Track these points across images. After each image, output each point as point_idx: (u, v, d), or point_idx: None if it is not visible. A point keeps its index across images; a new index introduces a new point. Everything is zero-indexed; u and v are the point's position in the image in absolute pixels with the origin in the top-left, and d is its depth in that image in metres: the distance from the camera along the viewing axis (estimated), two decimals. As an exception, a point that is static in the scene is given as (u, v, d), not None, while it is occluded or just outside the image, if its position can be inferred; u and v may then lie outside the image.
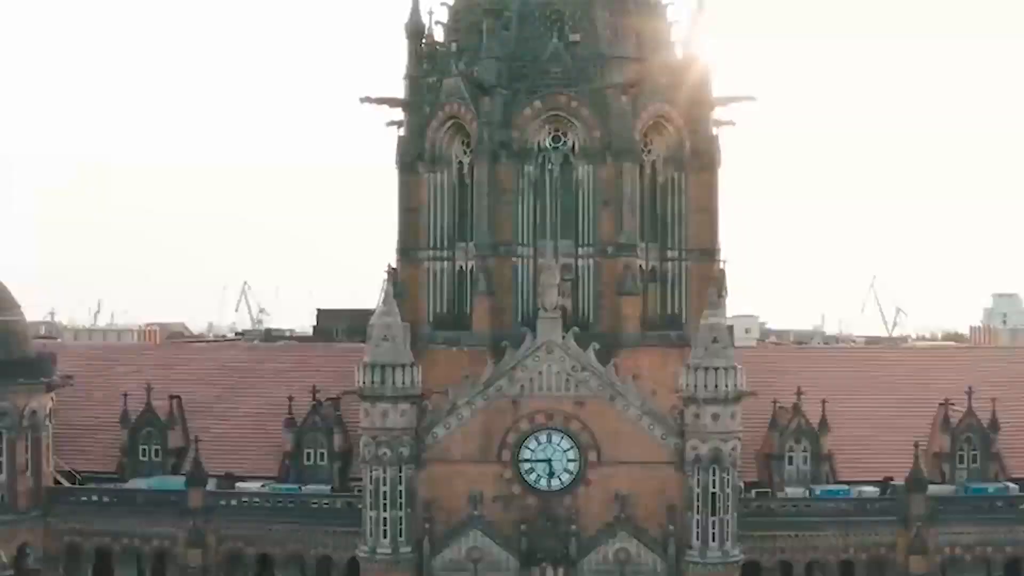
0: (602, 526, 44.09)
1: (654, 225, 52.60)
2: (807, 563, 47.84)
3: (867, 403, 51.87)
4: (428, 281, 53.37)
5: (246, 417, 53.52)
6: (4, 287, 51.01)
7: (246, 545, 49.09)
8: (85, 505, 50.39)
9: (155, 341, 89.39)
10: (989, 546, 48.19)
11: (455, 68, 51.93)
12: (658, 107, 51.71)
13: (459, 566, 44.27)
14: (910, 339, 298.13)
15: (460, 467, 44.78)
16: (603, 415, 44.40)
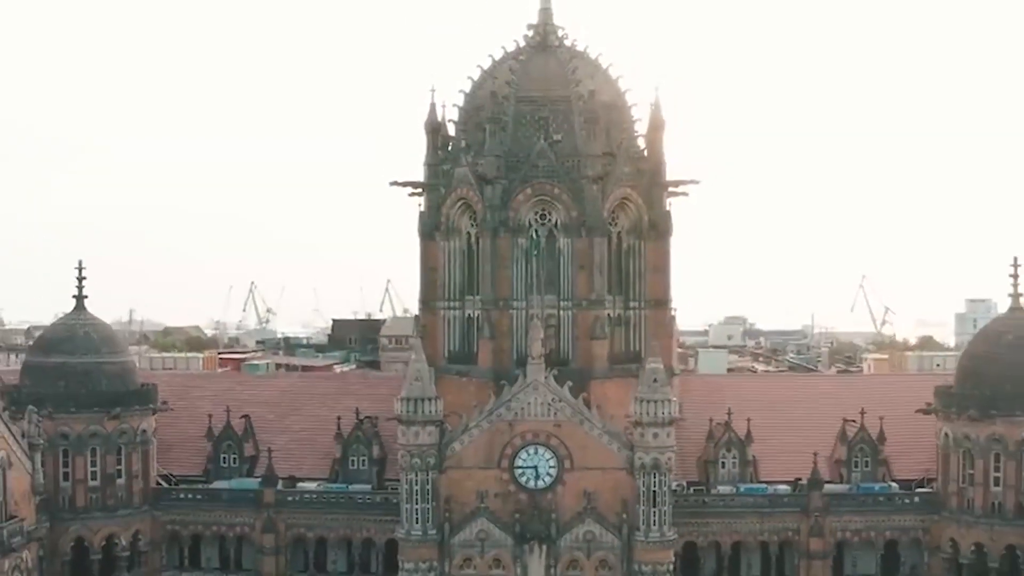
0: (574, 514, 61.28)
1: (619, 282, 70.16)
2: (732, 543, 65.28)
3: (784, 420, 68.93)
4: (444, 326, 71.27)
5: (302, 431, 70.94)
6: (115, 333, 68.96)
7: (307, 531, 66.63)
8: (181, 501, 67.58)
9: (215, 366, 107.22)
10: (873, 531, 65.22)
11: (464, 160, 69.58)
12: (622, 191, 69.33)
13: (470, 544, 61.74)
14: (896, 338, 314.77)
15: (471, 472, 62.05)
16: (574, 434, 61.82)
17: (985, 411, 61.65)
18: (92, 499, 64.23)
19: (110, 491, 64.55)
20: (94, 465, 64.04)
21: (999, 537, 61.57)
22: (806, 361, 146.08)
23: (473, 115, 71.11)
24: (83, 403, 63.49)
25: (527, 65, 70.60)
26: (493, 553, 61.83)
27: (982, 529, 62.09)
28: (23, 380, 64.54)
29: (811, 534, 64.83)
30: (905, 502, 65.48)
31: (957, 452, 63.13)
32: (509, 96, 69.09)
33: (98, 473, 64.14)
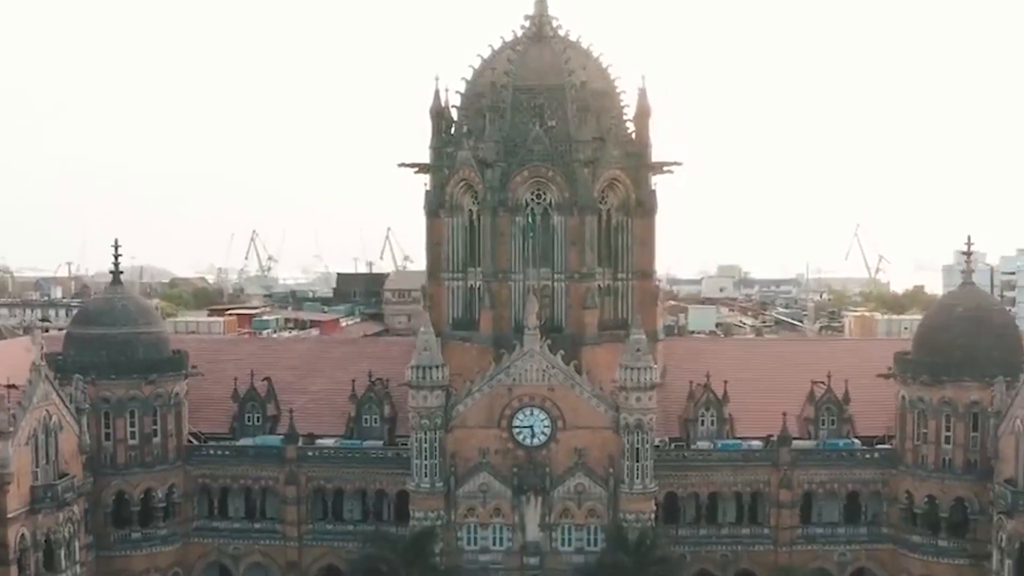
0: (566, 469, 68.74)
1: (609, 255, 77.21)
2: (709, 494, 72.82)
3: (758, 382, 75.98)
4: (448, 295, 78.35)
5: (320, 392, 77.98)
6: (151, 306, 76.07)
7: (325, 483, 74.05)
8: (211, 457, 74.76)
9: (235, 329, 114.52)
10: (837, 483, 72.65)
11: (466, 144, 76.34)
12: (612, 172, 76.13)
13: (473, 495, 69.29)
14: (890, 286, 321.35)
15: (474, 431, 69.40)
16: (566, 397, 69.10)
17: (937, 377, 68.88)
18: (131, 456, 71.42)
19: (147, 449, 71.88)
20: (133, 426, 71.25)
21: (949, 490, 68.97)
22: (793, 316, 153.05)
23: (474, 101, 77.72)
24: (123, 370, 70.58)
25: (524, 56, 77.00)
26: (494, 503, 69.36)
27: (934, 482, 69.43)
28: (67, 349, 71.38)
29: (780, 486, 72.30)
30: (866, 457, 72.82)
31: (913, 413, 70.42)
32: (507, 85, 75.64)
33: (136, 433, 71.38)
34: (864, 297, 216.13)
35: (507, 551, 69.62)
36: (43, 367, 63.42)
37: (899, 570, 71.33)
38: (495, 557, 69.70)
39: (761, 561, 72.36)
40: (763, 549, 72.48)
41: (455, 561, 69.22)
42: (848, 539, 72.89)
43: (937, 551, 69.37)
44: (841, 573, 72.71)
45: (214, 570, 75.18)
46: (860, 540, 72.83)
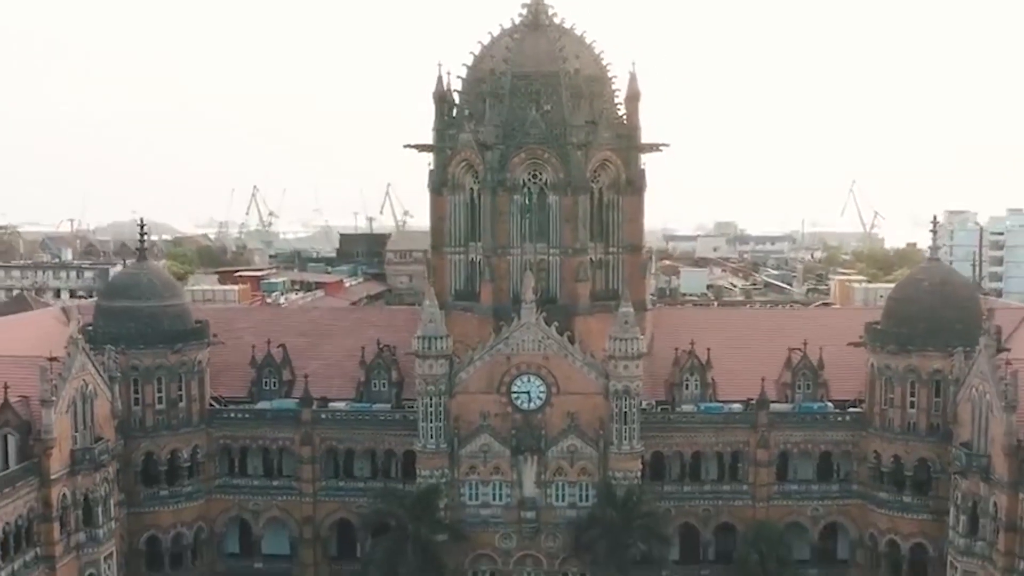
0: (560, 431, 74.86)
1: (600, 231, 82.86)
2: (693, 453, 79.11)
3: (739, 348, 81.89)
4: (450, 268, 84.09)
5: (332, 358, 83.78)
6: (174, 280, 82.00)
7: (338, 443, 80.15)
8: (231, 420, 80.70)
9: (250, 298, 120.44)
10: (811, 443, 78.85)
11: (467, 127, 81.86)
12: (603, 154, 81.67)
13: (475, 455, 75.47)
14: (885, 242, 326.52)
15: (475, 396, 75.42)
16: (560, 365, 75.07)
17: (903, 346, 74.86)
18: (159, 420, 77.39)
19: (173, 413, 77.92)
20: (160, 392, 77.22)
21: (913, 451, 75.14)
22: (782, 278, 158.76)
23: (475, 86, 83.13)
24: (150, 341, 76.41)
25: (521, 43, 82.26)
26: (494, 462, 75.52)
27: (900, 444, 75.58)
28: (97, 321, 76.95)
29: (759, 446, 78.49)
30: (838, 420, 78.97)
31: (881, 379, 76.44)
32: (506, 72, 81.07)
33: (163, 398, 77.37)
34: (856, 256, 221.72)
35: (506, 506, 75.74)
36: (80, 340, 69.19)
37: (867, 524, 77.65)
38: (495, 511, 75.83)
39: (740, 515, 78.69)
40: (742, 504, 78.72)
41: (458, 515, 75.39)
42: (821, 495, 79.16)
43: (902, 507, 75.64)
44: (814, 527, 79.11)
45: (235, 524, 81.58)
46: (832, 496, 79.08)
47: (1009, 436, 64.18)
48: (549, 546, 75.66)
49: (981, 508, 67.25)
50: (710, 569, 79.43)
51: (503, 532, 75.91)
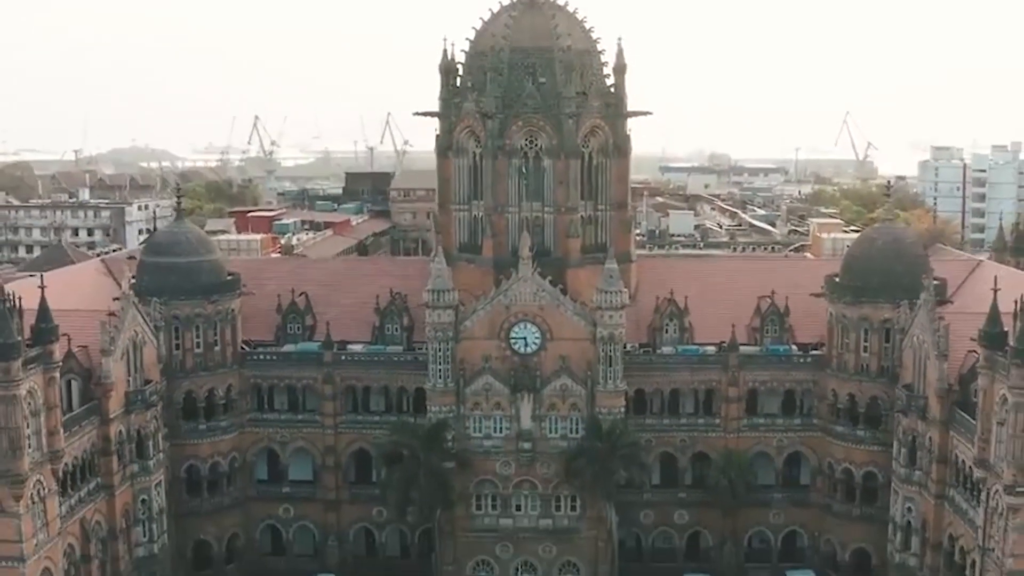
0: (553, 372, 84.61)
1: (590, 190, 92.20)
2: (671, 390, 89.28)
3: (714, 296, 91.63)
4: (455, 223, 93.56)
5: (349, 305, 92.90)
6: (208, 237, 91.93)
7: (356, 381, 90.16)
8: (260, 361, 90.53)
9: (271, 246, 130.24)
10: (776, 382, 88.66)
11: (470, 97, 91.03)
12: (593, 121, 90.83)
13: (478, 393, 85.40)
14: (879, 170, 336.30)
15: (478, 342, 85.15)
16: (553, 314, 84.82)
17: (857, 298, 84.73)
18: (197, 362, 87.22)
19: (209, 356, 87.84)
20: (198, 338, 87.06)
21: (865, 390, 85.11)
22: (767, 219, 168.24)
23: (477, 59, 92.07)
24: (189, 293, 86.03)
25: (519, 20, 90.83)
26: (495, 399, 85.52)
27: (854, 384, 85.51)
28: (141, 275, 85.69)
29: (729, 384, 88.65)
30: (801, 361, 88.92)
31: (838, 326, 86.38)
32: (504, 48, 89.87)
33: (201, 343, 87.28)
34: (843, 194, 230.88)
35: (505, 437, 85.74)
36: (131, 296, 79.23)
37: (826, 454, 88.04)
38: (496, 442, 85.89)
39: (713, 445, 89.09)
40: (715, 435, 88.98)
41: (464, 445, 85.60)
42: (785, 428, 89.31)
43: (856, 439, 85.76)
44: (778, 456, 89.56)
45: (264, 454, 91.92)
46: (795, 429, 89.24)
47: (941, 381, 74.50)
48: (543, 472, 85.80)
49: (919, 442, 77.82)
50: (686, 492, 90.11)
51: (503, 460, 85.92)
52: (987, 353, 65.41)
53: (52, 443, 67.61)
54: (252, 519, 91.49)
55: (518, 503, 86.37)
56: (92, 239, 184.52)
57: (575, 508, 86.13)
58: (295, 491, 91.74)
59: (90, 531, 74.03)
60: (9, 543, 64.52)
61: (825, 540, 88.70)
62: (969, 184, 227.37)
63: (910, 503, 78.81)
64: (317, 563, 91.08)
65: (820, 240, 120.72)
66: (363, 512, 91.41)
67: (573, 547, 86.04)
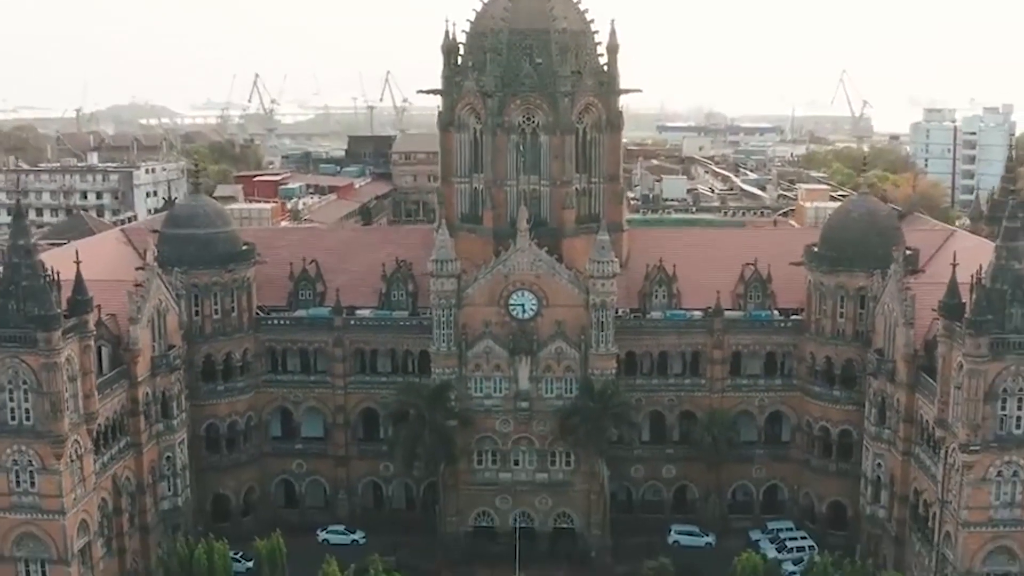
0: (549, 336, 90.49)
1: (584, 164, 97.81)
2: (660, 352, 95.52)
3: (701, 263, 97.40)
4: (457, 195, 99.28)
5: (357, 272, 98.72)
6: (225, 210, 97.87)
7: (364, 344, 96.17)
8: (274, 326, 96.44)
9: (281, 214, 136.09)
10: (758, 345, 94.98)
11: (471, 76, 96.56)
12: (587, 99, 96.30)
13: (479, 356, 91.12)
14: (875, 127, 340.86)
15: (479, 308, 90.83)
16: (549, 282, 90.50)
17: (834, 267, 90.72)
18: (215, 327, 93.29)
19: (227, 321, 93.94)
20: (216, 304, 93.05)
21: (841, 353, 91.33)
22: (758, 183, 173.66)
23: (477, 40, 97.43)
24: (208, 262, 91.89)
25: (517, 3, 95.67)
26: (495, 362, 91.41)
27: (831, 347, 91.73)
28: (163, 247, 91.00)
29: (714, 347, 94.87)
30: (782, 325, 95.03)
31: (816, 293, 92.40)
32: (503, 29, 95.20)
33: (219, 309, 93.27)
34: (836, 156, 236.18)
35: (505, 397, 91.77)
36: (155, 267, 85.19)
37: (804, 412, 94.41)
38: (496, 402, 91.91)
39: (699, 404, 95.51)
40: (700, 395, 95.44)
41: (466, 405, 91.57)
42: (766, 388, 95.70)
43: (832, 399, 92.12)
44: (760, 414, 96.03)
45: (278, 412, 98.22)
46: (775, 389, 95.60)
47: (908, 347, 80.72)
48: (540, 430, 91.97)
49: (888, 403, 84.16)
50: (674, 449, 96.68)
51: (502, 418, 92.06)
52: (946, 323, 71.48)
53: (88, 406, 73.82)
54: (267, 474, 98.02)
55: (516, 458, 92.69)
56: (101, 202, 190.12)
57: (569, 463, 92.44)
58: (307, 447, 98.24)
59: (121, 486, 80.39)
60: (51, 498, 71.02)
61: (804, 493, 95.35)
62: (960, 146, 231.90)
63: (880, 459, 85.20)
64: (328, 515, 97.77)
65: (804, 209, 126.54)
66: (371, 467, 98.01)
67: (567, 499, 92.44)
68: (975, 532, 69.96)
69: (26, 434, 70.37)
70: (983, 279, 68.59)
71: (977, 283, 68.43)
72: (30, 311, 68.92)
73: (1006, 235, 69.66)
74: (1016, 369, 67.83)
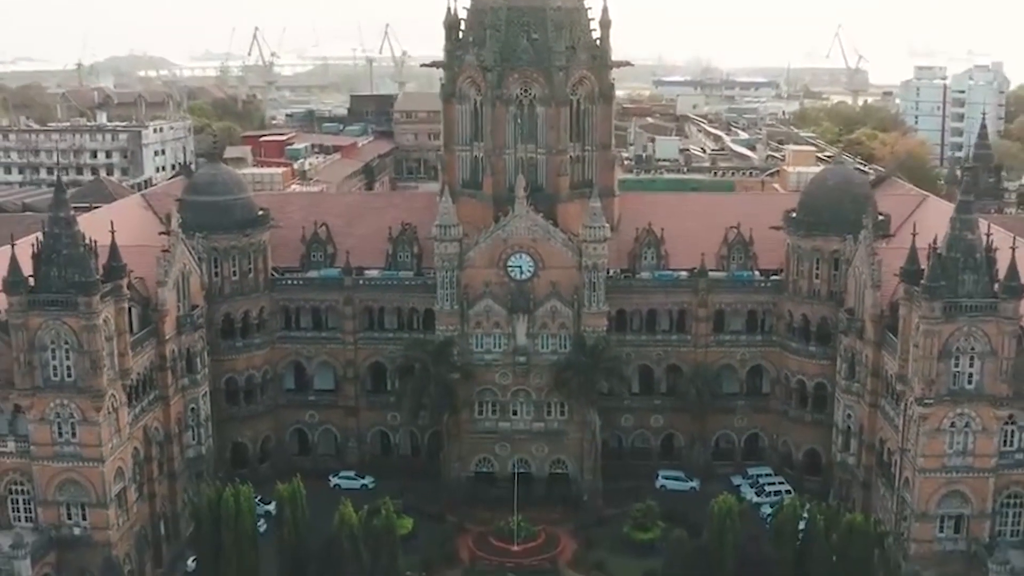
0: (544, 295, 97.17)
1: (578, 133, 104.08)
2: (649, 310, 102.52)
3: (687, 226, 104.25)
4: (459, 162, 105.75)
5: (365, 235, 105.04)
6: (242, 178, 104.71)
7: (372, 303, 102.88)
8: (288, 286, 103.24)
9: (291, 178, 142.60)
10: (740, 303, 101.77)
11: (471, 51, 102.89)
12: (581, 72, 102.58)
13: (480, 314, 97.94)
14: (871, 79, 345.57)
15: (480, 270, 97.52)
16: (545, 246, 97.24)
17: (810, 231, 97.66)
18: (233, 288, 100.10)
19: (244, 282, 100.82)
20: (234, 266, 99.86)
21: (816, 311, 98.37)
22: (748, 143, 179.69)
23: (477, 16, 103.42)
24: (226, 227, 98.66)
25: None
26: (494, 319, 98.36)
27: (807, 306, 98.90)
28: (184, 213, 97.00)
29: (699, 305, 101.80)
30: (762, 285, 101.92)
31: (794, 256, 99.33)
32: (502, 7, 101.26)
33: (236, 271, 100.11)
34: (827, 114, 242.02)
35: (503, 352, 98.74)
36: (179, 233, 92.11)
37: (782, 366, 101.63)
38: (495, 356, 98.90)
39: (685, 358, 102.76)
40: (686, 350, 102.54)
41: (467, 359, 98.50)
42: (747, 343, 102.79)
43: (808, 354, 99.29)
44: (742, 368, 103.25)
45: (292, 367, 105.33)
46: (756, 344, 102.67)
47: (875, 307, 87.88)
48: (536, 382, 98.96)
49: (857, 359, 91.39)
50: (661, 400, 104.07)
51: (501, 372, 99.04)
52: (906, 287, 78.56)
53: (122, 363, 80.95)
54: (282, 424, 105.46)
55: (514, 409, 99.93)
56: (110, 161, 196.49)
57: (564, 413, 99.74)
58: (319, 399, 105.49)
59: (151, 436, 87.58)
60: (92, 447, 78.27)
61: (782, 442, 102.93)
62: (949, 104, 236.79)
63: (850, 410, 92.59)
64: (339, 462, 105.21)
65: (787, 174, 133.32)
66: (379, 417, 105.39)
67: (562, 446, 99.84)
68: (930, 477, 77.13)
69: (68, 389, 77.34)
70: (939, 248, 75.43)
71: (933, 251, 75.32)
72: (71, 277, 75.73)
73: (960, 208, 76.44)
74: (967, 330, 74.78)
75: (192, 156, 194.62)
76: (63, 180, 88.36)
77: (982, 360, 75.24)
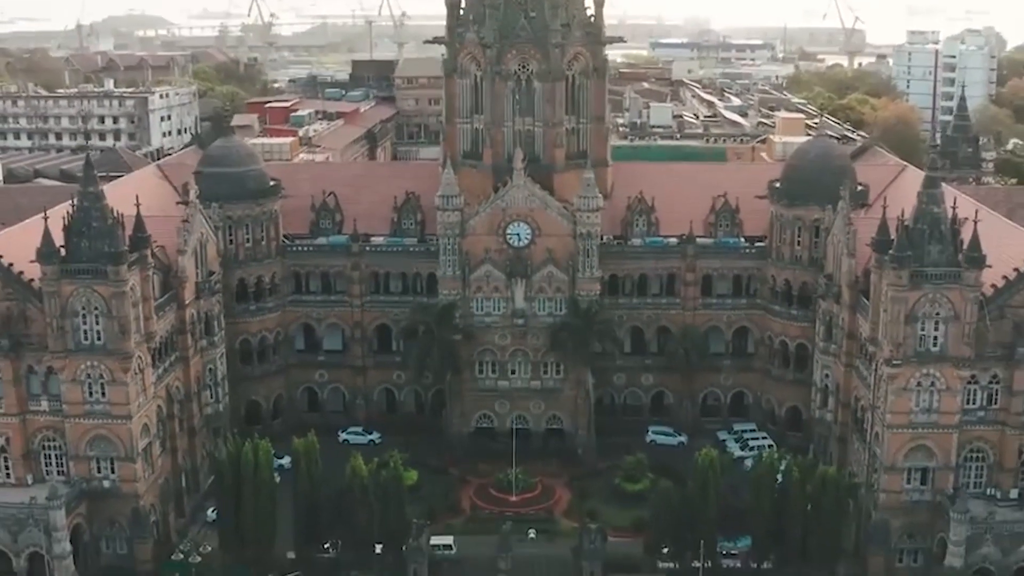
0: (541, 261, 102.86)
1: (573, 107, 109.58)
2: (640, 275, 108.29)
3: (677, 195, 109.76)
4: (460, 134, 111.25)
5: (371, 203, 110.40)
6: (254, 150, 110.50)
7: (378, 268, 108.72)
8: (298, 252, 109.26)
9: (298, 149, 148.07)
10: (727, 269, 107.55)
11: (471, 28, 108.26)
12: (576, 49, 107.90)
13: (480, 279, 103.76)
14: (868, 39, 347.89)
15: (480, 237, 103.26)
16: (542, 215, 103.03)
17: (792, 201, 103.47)
18: (247, 254, 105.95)
19: (257, 249, 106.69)
20: (247, 234, 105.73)
21: (798, 277, 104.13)
22: (739, 110, 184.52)
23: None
24: (240, 197, 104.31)
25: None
26: (494, 284, 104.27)
27: (789, 271, 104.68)
28: (200, 184, 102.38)
29: (687, 270, 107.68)
30: (747, 251, 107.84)
31: (777, 223, 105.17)
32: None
33: (250, 239, 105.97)
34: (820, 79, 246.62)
35: (503, 315, 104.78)
36: (197, 203, 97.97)
37: (766, 328, 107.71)
38: (495, 319, 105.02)
39: (674, 321, 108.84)
40: (675, 312, 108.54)
41: (469, 322, 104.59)
42: (733, 306, 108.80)
43: (790, 317, 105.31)
44: (728, 329, 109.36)
45: (303, 329, 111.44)
46: (741, 308, 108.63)
47: (850, 274, 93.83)
48: (533, 343, 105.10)
49: (834, 321, 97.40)
50: (652, 360, 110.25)
51: (500, 333, 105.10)
52: (876, 256, 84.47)
53: (147, 327, 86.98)
54: (293, 383, 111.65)
55: (513, 368, 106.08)
56: (118, 127, 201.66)
57: (559, 372, 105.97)
58: (328, 359, 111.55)
59: (173, 395, 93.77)
60: (120, 405, 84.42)
61: (766, 399, 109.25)
62: (941, 69, 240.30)
63: (827, 370, 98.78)
64: (347, 418, 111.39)
65: (773, 143, 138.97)
66: (385, 376, 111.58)
67: (558, 404, 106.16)
68: (898, 433, 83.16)
69: (98, 352, 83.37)
70: (907, 220, 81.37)
71: (901, 223, 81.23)
72: (101, 248, 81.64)
73: (926, 183, 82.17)
74: (932, 296, 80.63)
75: (198, 121, 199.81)
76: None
77: (946, 324, 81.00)
